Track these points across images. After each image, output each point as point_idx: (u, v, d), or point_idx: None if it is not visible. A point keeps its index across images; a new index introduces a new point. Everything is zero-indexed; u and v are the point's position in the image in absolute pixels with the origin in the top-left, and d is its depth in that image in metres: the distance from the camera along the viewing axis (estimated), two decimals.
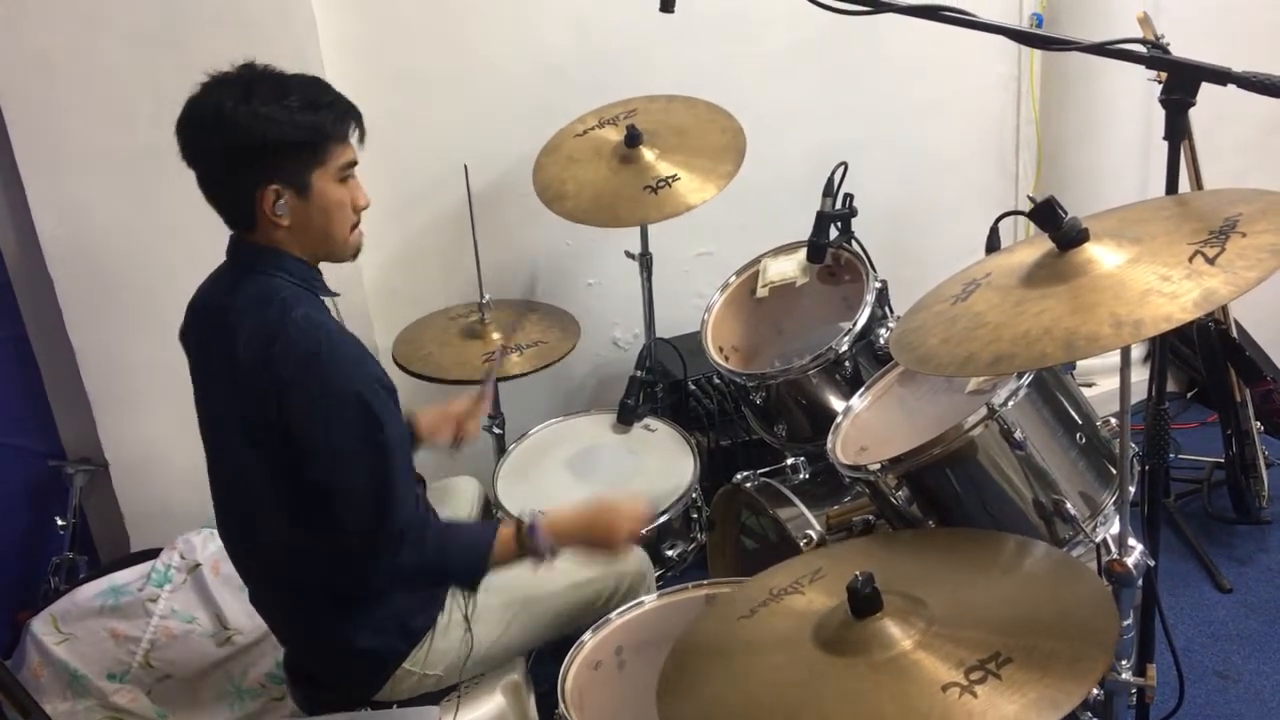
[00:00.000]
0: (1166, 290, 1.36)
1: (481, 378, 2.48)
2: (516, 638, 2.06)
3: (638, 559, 2.24)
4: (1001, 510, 1.83)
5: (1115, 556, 1.66)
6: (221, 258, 1.91)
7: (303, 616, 1.92)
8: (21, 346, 2.72)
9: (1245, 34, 3.46)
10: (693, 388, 3.03)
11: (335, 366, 1.71)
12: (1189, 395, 3.66)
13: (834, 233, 2.53)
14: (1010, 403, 1.78)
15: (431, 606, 1.96)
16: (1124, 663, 1.68)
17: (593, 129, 2.82)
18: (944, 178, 3.53)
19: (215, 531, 2.55)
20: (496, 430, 2.85)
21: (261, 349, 1.70)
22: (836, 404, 2.35)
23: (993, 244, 2.22)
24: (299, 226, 1.77)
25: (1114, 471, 1.87)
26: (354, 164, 1.81)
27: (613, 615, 2.04)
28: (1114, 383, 1.62)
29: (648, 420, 2.80)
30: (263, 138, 1.68)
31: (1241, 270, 1.34)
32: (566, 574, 2.12)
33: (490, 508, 2.68)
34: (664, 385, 2.99)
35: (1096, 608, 1.44)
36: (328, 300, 1.86)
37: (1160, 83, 1.62)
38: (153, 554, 2.60)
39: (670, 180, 2.64)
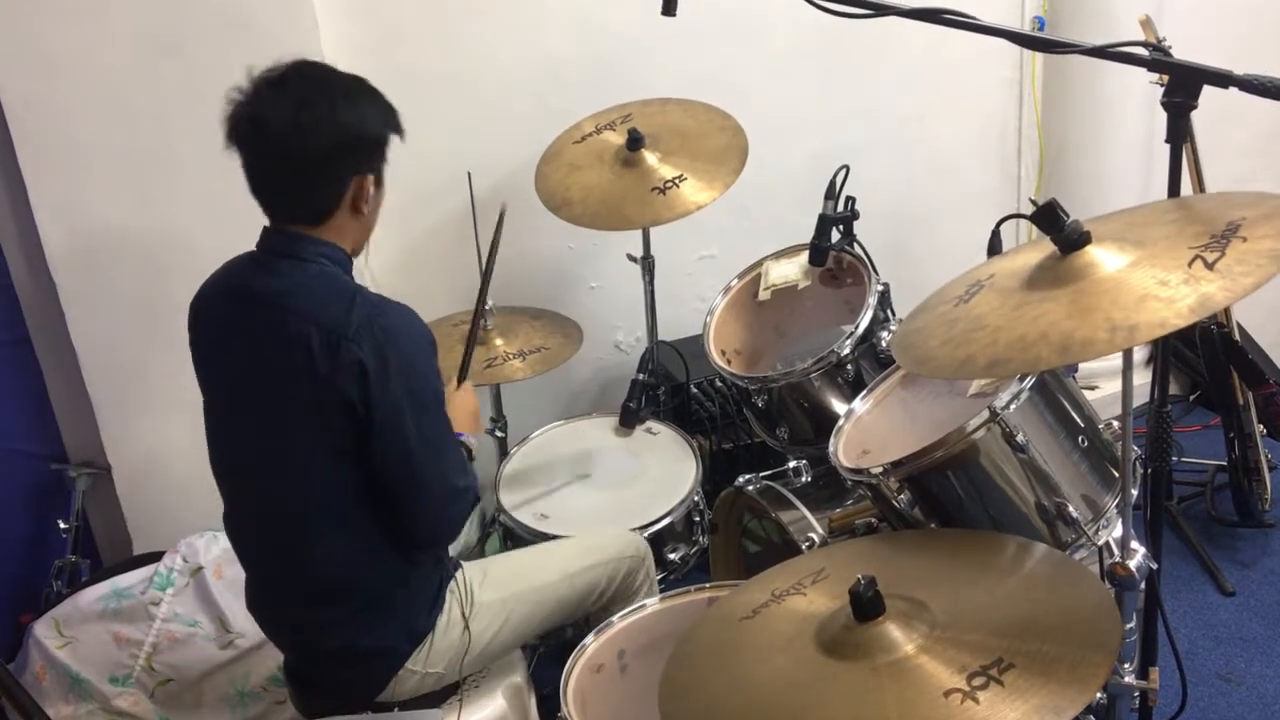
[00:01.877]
0: (1164, 295, 1.36)
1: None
2: (515, 630, 2.06)
3: (633, 542, 2.23)
4: (1004, 513, 1.83)
5: (1118, 559, 1.65)
6: (225, 257, 1.92)
7: (318, 621, 1.91)
8: (24, 349, 2.72)
9: (1247, 37, 3.47)
10: (695, 391, 3.04)
11: (420, 346, 1.80)
12: (1191, 398, 3.65)
13: (836, 236, 2.53)
14: (1012, 406, 1.78)
15: (435, 606, 1.96)
16: (1127, 666, 1.67)
17: (591, 135, 2.82)
18: (946, 181, 3.53)
19: (218, 535, 2.57)
20: (499, 434, 2.86)
21: (344, 333, 1.72)
22: (838, 407, 2.36)
23: (994, 247, 2.22)
24: (369, 216, 1.86)
25: (1116, 474, 1.87)
26: None
27: (615, 618, 2.03)
28: (1116, 385, 1.62)
29: (650, 423, 2.80)
30: (365, 130, 1.78)
31: (1239, 276, 1.34)
32: (563, 565, 2.13)
33: (487, 518, 2.68)
34: (666, 388, 2.99)
35: (1099, 611, 1.44)
36: None
37: (1162, 85, 1.62)
38: (155, 557, 2.60)
39: (677, 181, 2.65)
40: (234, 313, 1.84)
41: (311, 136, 1.74)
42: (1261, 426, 2.90)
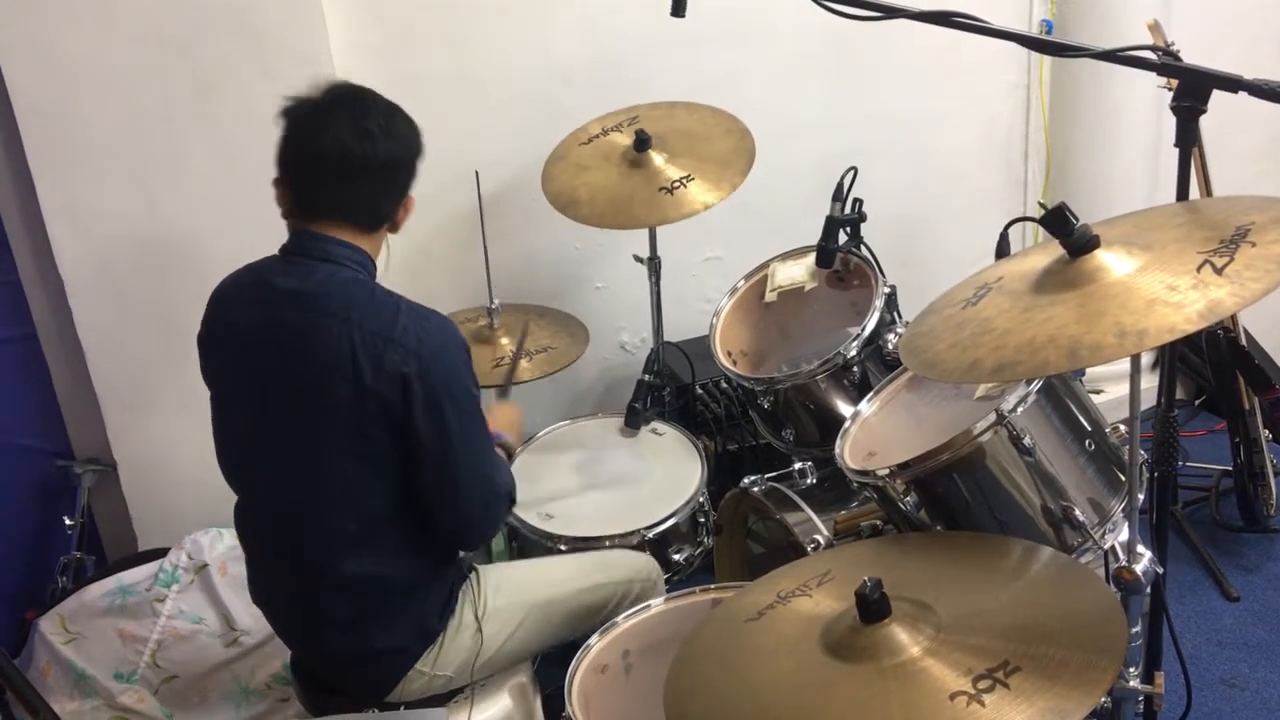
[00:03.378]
0: (1172, 300, 1.35)
1: (501, 383, 2.49)
2: (525, 640, 2.06)
3: (647, 566, 2.24)
4: (1010, 517, 1.82)
5: (1124, 564, 1.65)
6: (231, 256, 1.92)
7: (330, 619, 1.91)
8: (31, 346, 2.72)
9: (1255, 41, 3.47)
10: (700, 392, 3.04)
11: (458, 352, 1.84)
12: (1197, 403, 3.65)
13: (843, 238, 2.53)
14: (1019, 409, 1.78)
15: (447, 607, 1.96)
16: (1132, 670, 1.67)
17: (598, 136, 2.82)
18: (953, 183, 3.53)
19: (222, 532, 2.58)
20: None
21: (390, 338, 1.75)
22: (844, 409, 2.35)
23: (1002, 250, 2.22)
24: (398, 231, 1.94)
25: (1122, 478, 1.87)
26: None
27: (619, 619, 2.04)
28: (1123, 389, 1.62)
29: (655, 424, 2.80)
30: (418, 151, 1.90)
31: (1249, 281, 1.33)
32: (576, 578, 2.13)
33: None
34: (671, 389, 2.99)
35: (1105, 615, 1.44)
36: None
37: (1170, 90, 1.62)
38: (160, 554, 2.60)
39: (684, 181, 2.65)
40: (268, 313, 1.83)
41: (402, 148, 1.85)
42: (1267, 432, 2.90)
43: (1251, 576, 2.90)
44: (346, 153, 1.80)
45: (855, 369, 2.36)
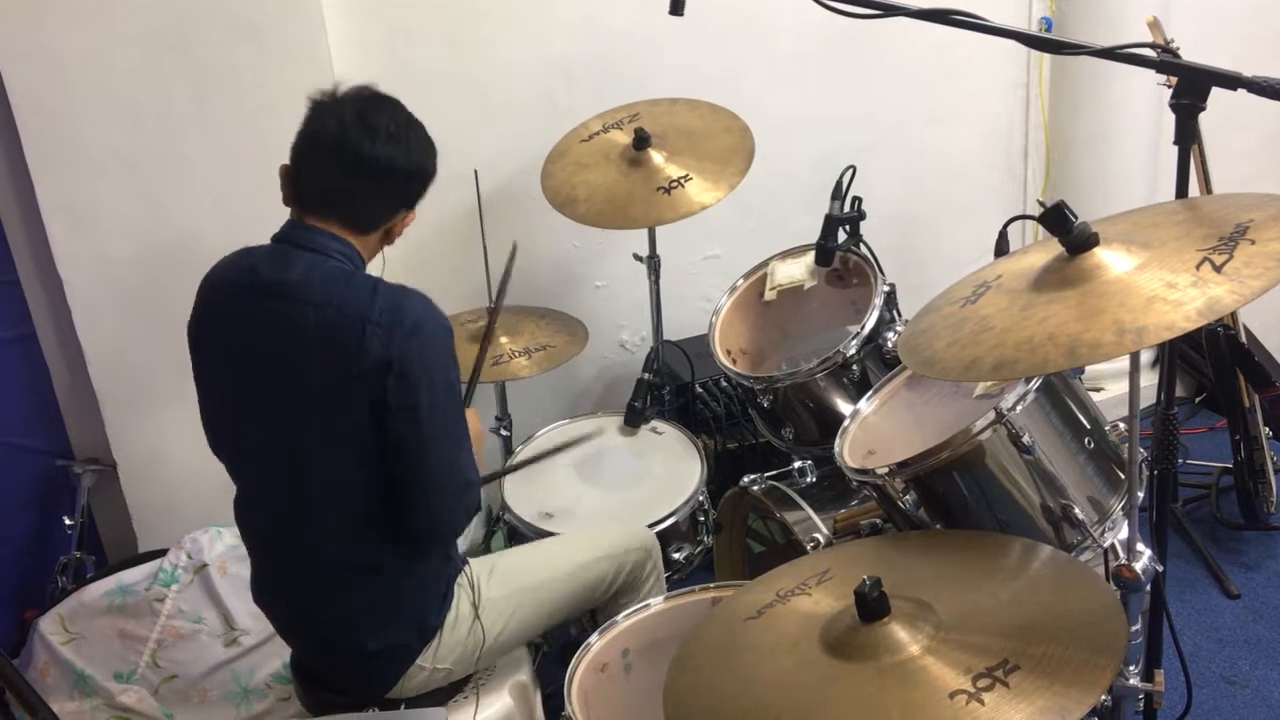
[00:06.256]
0: (1171, 298, 1.35)
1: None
2: (522, 625, 2.06)
3: (640, 535, 2.23)
4: (1009, 515, 1.82)
5: (1123, 562, 1.65)
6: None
7: (329, 616, 1.91)
8: (30, 346, 2.72)
9: (1254, 39, 3.46)
10: (700, 390, 3.04)
11: (439, 334, 1.80)
12: (1197, 400, 3.65)
13: (842, 236, 2.53)
14: (1019, 407, 1.77)
15: (444, 602, 1.96)
16: (1132, 668, 1.67)
17: (598, 134, 2.82)
18: (952, 181, 3.53)
19: (222, 531, 2.58)
20: (504, 432, 2.86)
21: (368, 319, 1.73)
22: (844, 407, 2.35)
23: (1001, 248, 2.22)
24: (392, 243, 1.93)
25: (1122, 476, 1.87)
26: None
27: (619, 618, 2.03)
28: (1123, 387, 1.62)
29: (655, 423, 2.80)
30: (433, 167, 1.89)
31: (1248, 279, 1.33)
32: (569, 559, 2.13)
33: (492, 516, 2.67)
34: (671, 388, 2.99)
35: (1105, 613, 1.44)
36: None
37: (1169, 87, 1.62)
38: (160, 554, 2.60)
39: (682, 180, 2.65)
40: (252, 301, 1.82)
41: (407, 156, 1.83)
42: (1267, 429, 2.90)
43: (1252, 574, 2.90)
44: (345, 143, 1.78)
45: (855, 367, 2.36)
